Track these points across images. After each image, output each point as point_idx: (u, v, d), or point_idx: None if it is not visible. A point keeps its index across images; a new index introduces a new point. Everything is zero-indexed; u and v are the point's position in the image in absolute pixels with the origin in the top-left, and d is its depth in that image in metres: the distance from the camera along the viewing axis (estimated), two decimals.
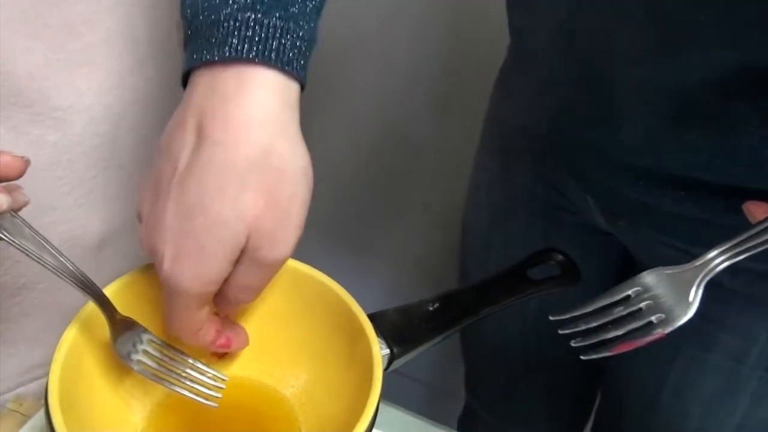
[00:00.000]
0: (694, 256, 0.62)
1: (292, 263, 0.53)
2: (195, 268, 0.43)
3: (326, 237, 1.47)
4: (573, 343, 0.48)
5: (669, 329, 0.46)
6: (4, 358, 0.65)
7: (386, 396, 0.71)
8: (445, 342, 0.98)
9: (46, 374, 0.44)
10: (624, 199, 0.63)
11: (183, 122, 0.44)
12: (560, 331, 0.48)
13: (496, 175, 0.82)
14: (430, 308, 0.56)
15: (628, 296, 0.47)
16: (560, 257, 0.63)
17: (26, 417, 0.58)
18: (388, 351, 0.51)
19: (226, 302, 0.47)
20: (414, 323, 0.54)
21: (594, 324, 0.48)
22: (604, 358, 0.86)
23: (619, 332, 0.47)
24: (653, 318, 0.46)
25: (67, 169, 0.63)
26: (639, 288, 0.47)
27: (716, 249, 0.46)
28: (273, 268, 0.45)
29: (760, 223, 0.45)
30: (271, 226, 0.43)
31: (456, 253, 0.92)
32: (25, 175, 0.60)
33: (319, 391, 0.52)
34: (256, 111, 0.43)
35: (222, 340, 0.50)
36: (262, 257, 0.44)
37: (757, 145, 0.52)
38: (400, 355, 0.52)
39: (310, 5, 0.46)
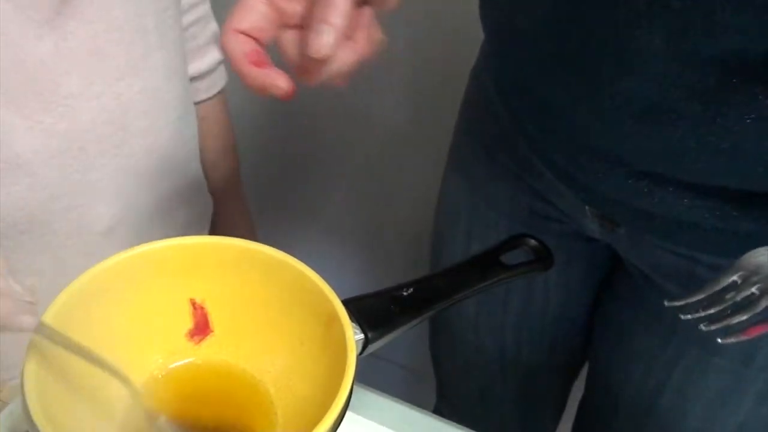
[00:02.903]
0: (699, 262, 0.61)
1: (268, 250, 0.53)
2: None
3: (301, 224, 1.47)
4: (703, 327, 0.46)
5: None
6: None
7: (366, 380, 0.72)
8: (424, 327, 0.99)
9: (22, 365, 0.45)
10: (630, 208, 0.62)
11: None
12: (682, 317, 0.47)
13: (473, 187, 0.80)
14: (405, 293, 0.56)
15: (735, 282, 0.46)
16: (533, 242, 0.64)
17: (5, 403, 0.58)
18: (362, 336, 0.52)
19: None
20: (388, 308, 0.55)
21: (714, 310, 0.47)
22: (596, 360, 0.85)
23: (744, 317, 0.46)
24: None
25: (78, 157, 0.64)
26: (744, 272, 0.46)
27: None
28: None
29: None
30: None
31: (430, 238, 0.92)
32: (37, 162, 0.60)
33: (295, 376, 0.53)
34: None
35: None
36: None
37: None
38: (374, 340, 0.53)
39: None
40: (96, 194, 0.67)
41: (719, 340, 0.47)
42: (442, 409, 1.03)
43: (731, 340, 0.46)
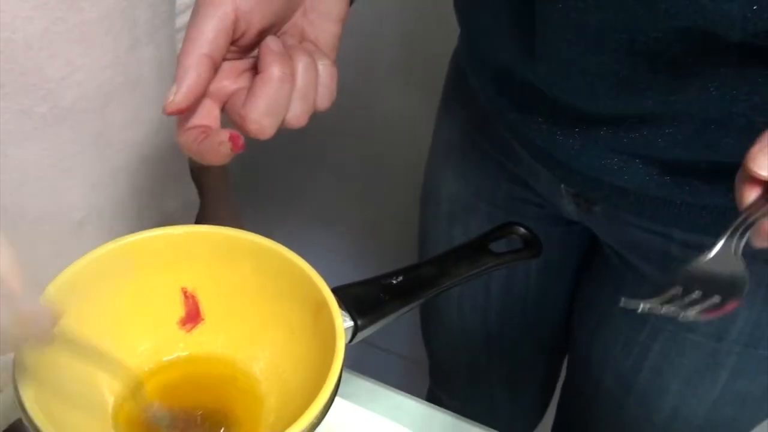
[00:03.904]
0: (673, 240, 0.62)
1: (258, 239, 0.54)
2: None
3: (290, 212, 1.47)
4: (663, 311, 0.46)
5: (740, 298, 0.45)
6: None
7: (359, 367, 0.72)
8: (417, 314, 1.00)
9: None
10: (604, 185, 0.63)
11: None
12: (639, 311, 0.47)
13: (455, 172, 0.81)
14: (394, 281, 0.57)
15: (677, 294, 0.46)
16: (522, 230, 0.64)
17: None
18: (351, 323, 0.53)
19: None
20: (378, 296, 0.55)
21: (665, 310, 0.46)
22: (577, 342, 0.87)
23: (692, 313, 0.46)
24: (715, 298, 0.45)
25: (53, 142, 0.64)
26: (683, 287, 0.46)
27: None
28: None
29: None
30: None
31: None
32: (10, 143, 0.60)
33: (285, 364, 0.53)
34: None
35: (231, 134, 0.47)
36: None
37: (749, 114, 0.52)
38: (364, 327, 0.53)
39: None
40: (69, 182, 0.67)
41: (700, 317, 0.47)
42: (434, 390, 1.04)
43: (709, 317, 0.46)
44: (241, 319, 0.55)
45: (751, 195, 0.42)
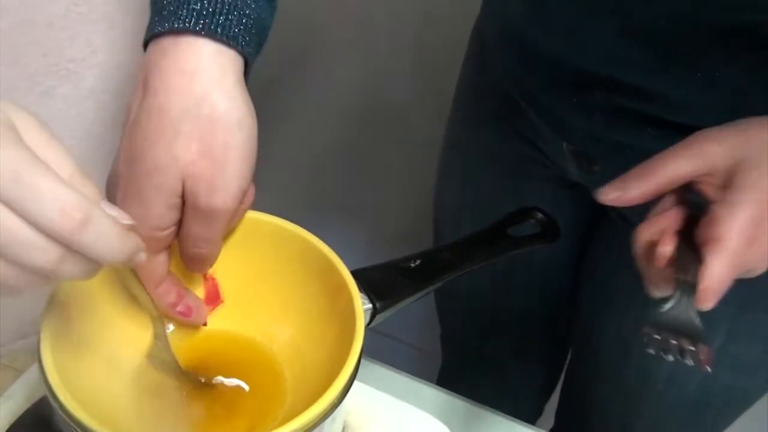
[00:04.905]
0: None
1: (278, 221, 0.54)
2: (138, 211, 0.45)
3: (310, 197, 1.48)
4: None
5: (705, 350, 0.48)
6: None
7: (371, 356, 0.73)
8: (431, 304, 1.00)
9: (38, 332, 0.46)
10: (601, 141, 0.64)
11: (136, 81, 0.47)
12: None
13: (469, 132, 0.83)
14: (412, 265, 0.57)
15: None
16: (540, 215, 0.65)
17: (20, 372, 0.60)
18: (370, 306, 0.53)
19: (188, 258, 0.50)
20: (396, 279, 0.56)
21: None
22: (573, 311, 0.88)
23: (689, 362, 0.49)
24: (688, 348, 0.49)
25: (76, 122, 0.64)
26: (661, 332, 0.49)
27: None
28: (216, 216, 0.47)
29: None
30: (206, 173, 0.45)
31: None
32: None
33: (304, 345, 0.54)
34: (191, 63, 0.45)
35: (181, 308, 0.52)
36: (201, 205, 0.46)
37: (741, 75, 0.53)
38: (382, 310, 0.54)
39: None
40: (92, 163, 0.67)
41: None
42: (445, 362, 1.05)
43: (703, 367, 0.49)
44: (260, 301, 0.55)
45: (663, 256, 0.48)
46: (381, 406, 0.59)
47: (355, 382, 0.48)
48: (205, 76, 0.45)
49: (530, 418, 1.04)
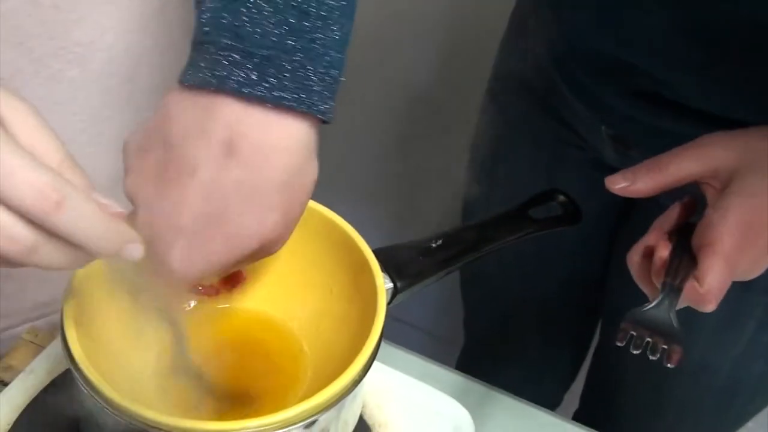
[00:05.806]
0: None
1: None
2: (202, 266, 0.44)
3: (334, 179, 1.48)
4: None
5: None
6: (15, 293, 0.66)
7: (390, 341, 0.73)
8: (451, 292, 1.00)
9: (56, 311, 0.46)
10: (639, 125, 0.64)
11: (206, 132, 0.43)
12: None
13: (504, 109, 0.82)
14: (434, 245, 0.57)
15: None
16: (562, 198, 0.64)
17: (41, 347, 0.60)
18: (391, 285, 0.53)
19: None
20: (417, 259, 0.55)
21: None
22: (599, 298, 0.88)
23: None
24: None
25: (83, 106, 0.64)
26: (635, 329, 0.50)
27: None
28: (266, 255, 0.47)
29: None
30: (283, 232, 0.45)
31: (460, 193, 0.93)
32: (41, 108, 0.61)
33: (325, 323, 0.54)
34: (289, 140, 0.43)
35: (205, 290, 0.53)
36: (264, 255, 0.46)
37: None
38: (403, 289, 0.53)
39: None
40: (100, 147, 0.67)
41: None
42: (467, 346, 1.05)
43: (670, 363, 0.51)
44: (281, 279, 0.55)
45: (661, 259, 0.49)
46: (401, 387, 0.59)
47: (375, 363, 0.48)
48: (301, 153, 0.44)
49: (550, 407, 1.03)
